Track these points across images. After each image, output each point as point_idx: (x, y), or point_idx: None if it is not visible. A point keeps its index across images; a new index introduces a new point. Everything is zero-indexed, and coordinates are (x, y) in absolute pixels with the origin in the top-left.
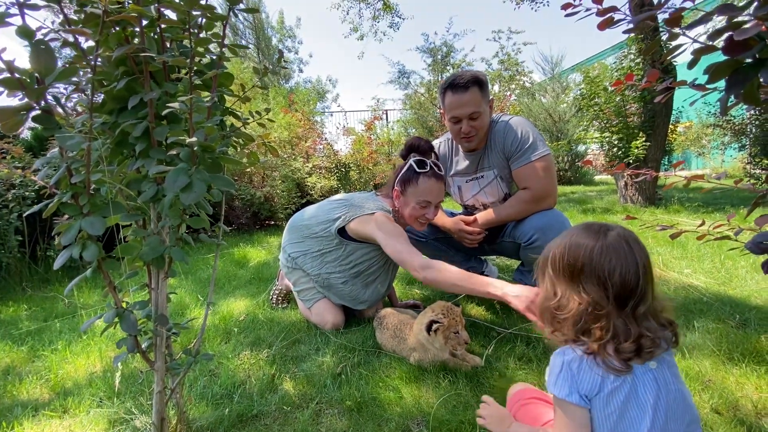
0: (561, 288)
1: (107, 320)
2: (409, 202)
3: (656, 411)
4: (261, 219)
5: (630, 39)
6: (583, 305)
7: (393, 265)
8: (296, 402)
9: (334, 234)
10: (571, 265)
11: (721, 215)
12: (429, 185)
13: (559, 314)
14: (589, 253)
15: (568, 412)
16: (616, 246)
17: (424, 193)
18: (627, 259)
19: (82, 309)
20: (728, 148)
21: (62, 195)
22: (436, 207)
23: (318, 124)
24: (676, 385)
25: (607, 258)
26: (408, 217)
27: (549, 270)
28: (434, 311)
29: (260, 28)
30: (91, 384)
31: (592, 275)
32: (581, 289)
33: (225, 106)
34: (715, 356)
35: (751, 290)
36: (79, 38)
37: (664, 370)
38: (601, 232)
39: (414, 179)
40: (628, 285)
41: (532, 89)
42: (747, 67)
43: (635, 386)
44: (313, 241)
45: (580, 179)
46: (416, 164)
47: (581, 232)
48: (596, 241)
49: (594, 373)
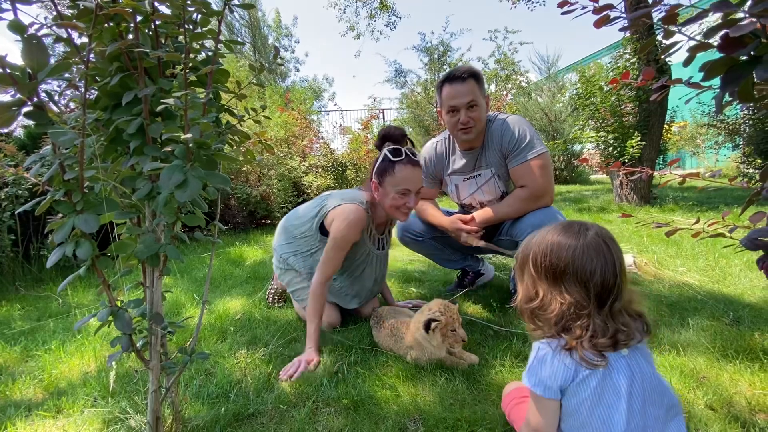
0: (543, 288)
1: (101, 319)
2: (388, 192)
3: (631, 396)
4: (257, 218)
5: (625, 39)
6: (565, 305)
7: (379, 260)
8: (293, 401)
9: (315, 231)
10: (553, 265)
11: (715, 214)
12: (406, 173)
13: (540, 314)
14: (572, 254)
15: (539, 403)
16: (596, 246)
17: (402, 182)
18: (605, 258)
19: (76, 308)
20: (722, 148)
21: (55, 192)
22: (416, 194)
23: (315, 123)
24: (650, 370)
25: (589, 258)
26: (389, 208)
27: (530, 269)
28: (432, 309)
29: (256, 27)
30: (85, 383)
31: (574, 276)
32: (563, 290)
33: (221, 103)
34: (709, 353)
35: (745, 288)
36: (72, 34)
37: (637, 356)
38: (581, 232)
39: (390, 169)
40: (608, 284)
41: (529, 89)
42: (742, 64)
43: (608, 372)
44: (302, 242)
45: (575, 178)
46: (391, 153)
47: (561, 231)
48: (577, 241)
49: (566, 365)
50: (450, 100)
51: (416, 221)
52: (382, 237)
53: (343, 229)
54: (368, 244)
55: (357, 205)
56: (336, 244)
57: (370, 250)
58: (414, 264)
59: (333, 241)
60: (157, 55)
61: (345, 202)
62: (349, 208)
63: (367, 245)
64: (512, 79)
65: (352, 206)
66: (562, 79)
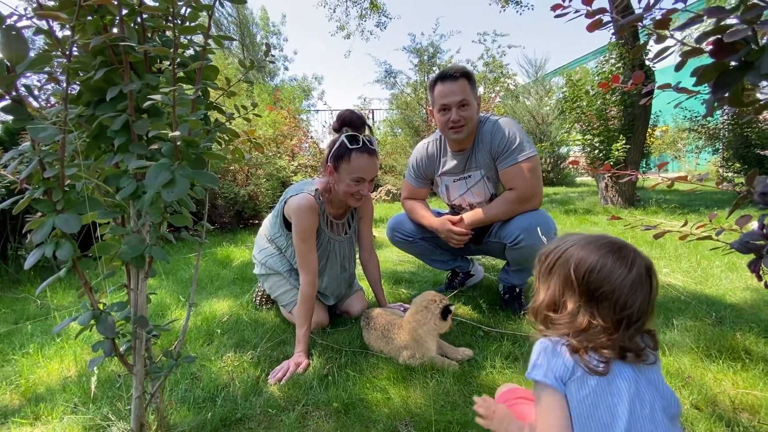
0: (573, 301)
1: (82, 323)
2: (343, 178)
3: (635, 398)
4: (245, 218)
5: (611, 44)
6: (593, 325)
7: (341, 246)
8: (282, 405)
9: (280, 227)
10: (596, 287)
11: (697, 216)
12: (362, 161)
13: (558, 323)
14: (619, 284)
15: (547, 396)
16: (642, 281)
17: (357, 170)
18: (646, 292)
19: (55, 310)
20: (702, 152)
21: (34, 191)
22: (370, 182)
23: (304, 123)
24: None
25: (632, 292)
26: (343, 194)
27: (567, 278)
28: (434, 301)
29: (245, 24)
30: (64, 389)
31: (614, 304)
32: (596, 312)
33: (209, 100)
34: (693, 353)
35: (726, 289)
36: (53, 26)
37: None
38: (632, 261)
39: (347, 155)
40: (641, 316)
41: (516, 91)
42: (733, 69)
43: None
44: (276, 242)
45: (562, 180)
46: (348, 140)
47: (610, 253)
48: (627, 273)
49: (567, 358)
50: (442, 98)
51: (407, 222)
52: (341, 222)
53: (297, 220)
54: (326, 231)
55: (304, 194)
56: (298, 236)
57: (330, 236)
58: (404, 265)
59: (295, 235)
60: (145, 49)
61: (295, 193)
62: (297, 199)
63: (325, 232)
64: (500, 81)
65: (300, 196)
66: (549, 82)
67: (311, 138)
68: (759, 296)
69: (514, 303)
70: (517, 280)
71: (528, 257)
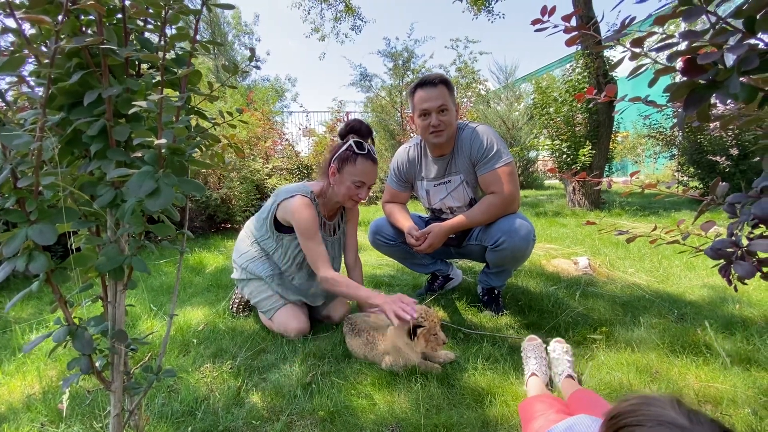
0: None
1: (57, 339)
2: (344, 180)
3: None
4: (217, 222)
5: (577, 54)
6: None
7: (332, 246)
8: (265, 415)
9: (269, 229)
10: None
11: (656, 218)
12: (365, 167)
13: None
14: None
15: None
16: None
17: (360, 174)
18: None
19: (15, 323)
20: (659, 157)
21: (5, 201)
22: (368, 188)
23: (278, 124)
24: None
25: None
26: (342, 196)
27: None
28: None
29: (216, 23)
30: (29, 408)
31: None
32: None
33: (191, 105)
34: (659, 349)
35: (686, 287)
36: (23, 25)
37: None
38: None
39: (352, 159)
40: None
41: (487, 97)
42: (702, 87)
43: None
44: (258, 246)
45: (531, 183)
46: (356, 145)
47: None
48: None
49: None
50: (422, 104)
51: (388, 226)
52: (332, 223)
53: (298, 219)
54: (320, 232)
55: (301, 195)
56: (303, 235)
57: (323, 236)
58: (383, 268)
59: (300, 234)
60: (128, 53)
61: (291, 194)
62: (295, 200)
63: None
64: (472, 87)
65: (297, 197)
66: (518, 88)
67: (286, 140)
68: (715, 293)
69: (492, 304)
70: (497, 282)
71: (508, 259)
